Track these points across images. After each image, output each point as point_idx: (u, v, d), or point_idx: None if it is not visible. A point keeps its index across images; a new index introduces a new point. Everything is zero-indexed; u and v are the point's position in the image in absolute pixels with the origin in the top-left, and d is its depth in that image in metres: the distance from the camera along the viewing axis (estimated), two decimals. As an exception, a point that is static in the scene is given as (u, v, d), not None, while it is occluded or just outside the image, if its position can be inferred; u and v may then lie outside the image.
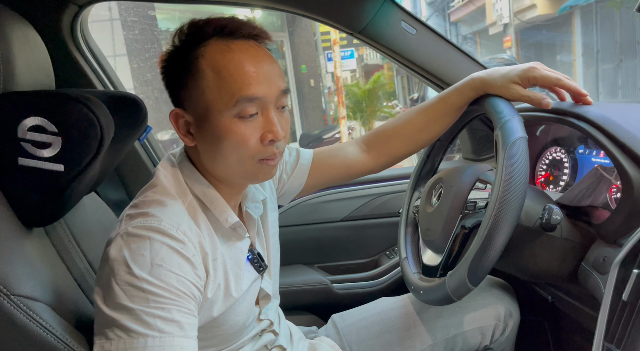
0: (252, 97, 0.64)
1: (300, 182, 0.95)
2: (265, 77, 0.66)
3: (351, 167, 0.97)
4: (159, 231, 0.61)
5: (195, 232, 0.66)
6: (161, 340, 0.57)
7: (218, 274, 0.68)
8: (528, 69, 0.82)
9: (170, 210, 0.65)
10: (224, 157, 0.68)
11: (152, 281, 0.58)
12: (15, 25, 0.68)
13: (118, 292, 0.58)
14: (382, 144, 0.97)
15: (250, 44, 0.67)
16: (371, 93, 10.88)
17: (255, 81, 0.64)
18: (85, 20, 1.19)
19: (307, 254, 1.56)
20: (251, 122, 0.66)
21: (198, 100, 0.66)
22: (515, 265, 0.85)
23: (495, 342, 0.98)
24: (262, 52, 0.68)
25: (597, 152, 0.95)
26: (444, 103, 0.91)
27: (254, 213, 0.80)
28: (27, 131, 0.64)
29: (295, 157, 0.94)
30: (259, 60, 0.66)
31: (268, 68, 0.67)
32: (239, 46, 0.66)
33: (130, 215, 0.64)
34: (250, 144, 0.66)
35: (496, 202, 0.67)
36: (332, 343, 0.97)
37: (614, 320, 0.62)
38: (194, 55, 0.66)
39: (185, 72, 0.67)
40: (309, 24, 10.20)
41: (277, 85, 0.67)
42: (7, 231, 0.63)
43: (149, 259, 0.59)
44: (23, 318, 0.58)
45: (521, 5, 11.56)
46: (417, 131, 0.94)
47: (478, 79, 0.86)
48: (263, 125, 0.67)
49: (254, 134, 0.66)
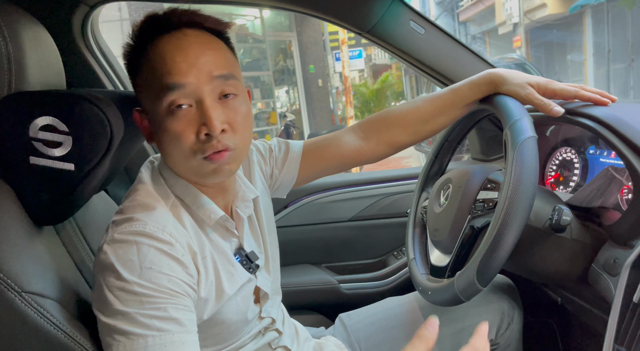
0: (174, 85, 0.62)
1: (292, 175, 0.92)
2: (188, 64, 0.62)
3: (345, 157, 0.92)
4: (145, 234, 0.61)
5: (182, 233, 0.66)
6: (161, 338, 0.57)
7: (209, 272, 0.68)
8: (548, 81, 0.82)
9: (154, 212, 0.64)
10: (169, 155, 0.67)
11: (143, 284, 0.58)
12: (26, 25, 0.69)
13: (111, 299, 0.58)
14: (383, 132, 0.92)
15: (179, 33, 0.65)
16: (379, 93, 10.88)
17: (176, 69, 0.62)
18: (95, 21, 1.20)
19: (315, 254, 1.56)
20: (184, 116, 0.63)
21: (142, 100, 0.68)
22: (525, 266, 0.84)
23: (501, 336, 0.98)
24: (191, 40, 0.64)
25: (608, 153, 0.94)
26: (454, 95, 0.89)
27: (242, 213, 0.78)
28: (39, 130, 0.65)
29: (285, 150, 0.91)
30: (185, 47, 0.63)
31: (194, 54, 0.63)
32: (166, 38, 0.64)
33: (116, 222, 0.64)
34: (186, 139, 0.63)
35: (505, 202, 0.66)
36: (337, 343, 0.97)
37: (624, 322, 0.61)
38: (139, 56, 0.66)
39: (134, 73, 0.68)
40: (317, 24, 10.20)
41: (206, 71, 0.63)
42: (18, 229, 0.64)
43: (137, 263, 0.59)
44: (33, 314, 0.59)
45: (531, 5, 11.47)
46: (422, 121, 0.90)
47: (497, 74, 0.85)
48: (198, 118, 0.63)
49: (188, 128, 0.63)
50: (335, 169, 0.95)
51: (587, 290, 0.80)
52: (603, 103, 0.80)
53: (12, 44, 0.65)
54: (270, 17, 9.89)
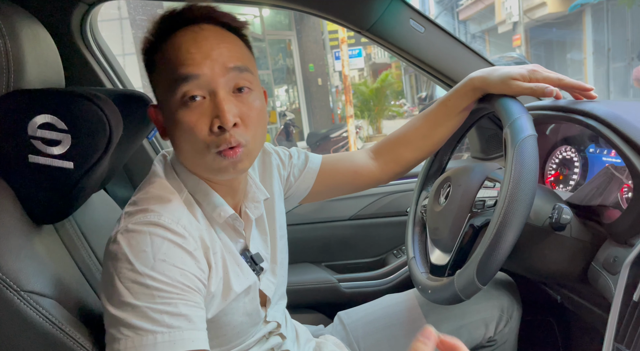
0: (187, 76, 0.61)
1: (307, 185, 0.94)
2: (204, 55, 0.62)
3: (358, 173, 0.96)
4: (160, 225, 0.61)
5: (195, 226, 0.66)
6: (170, 335, 0.57)
7: (219, 268, 0.68)
8: (529, 70, 0.82)
9: (169, 205, 0.64)
10: (182, 150, 0.67)
11: (155, 277, 0.57)
12: (25, 23, 0.69)
13: (122, 290, 0.57)
14: (389, 152, 0.97)
15: (195, 27, 0.64)
16: (379, 92, 10.86)
17: (190, 60, 0.61)
18: (94, 19, 1.20)
19: (314, 253, 1.56)
20: (197, 108, 0.62)
21: (156, 94, 0.67)
22: (524, 265, 0.84)
23: (499, 333, 0.99)
24: (206, 33, 0.64)
25: (608, 151, 0.94)
26: (444, 107, 0.90)
27: (251, 214, 0.78)
28: (38, 129, 0.64)
29: (304, 161, 0.93)
30: (200, 39, 0.63)
31: (210, 46, 0.63)
32: (182, 32, 0.64)
33: (129, 212, 0.64)
34: (199, 132, 0.62)
35: (505, 200, 0.66)
36: (337, 342, 0.97)
37: (624, 321, 0.61)
38: (156, 51, 0.66)
39: (151, 68, 0.67)
40: (317, 23, 10.20)
41: (220, 63, 0.62)
42: (17, 228, 0.64)
43: (151, 255, 0.58)
44: (32, 313, 0.59)
45: (531, 3, 11.47)
46: (422, 137, 0.94)
47: (477, 78, 0.85)
48: (211, 110, 0.62)
49: (201, 121, 0.62)
50: (348, 185, 0.97)
51: (587, 288, 0.80)
52: (587, 89, 0.81)
53: (11, 42, 0.64)
54: (270, 16, 9.88)
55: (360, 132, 9.66)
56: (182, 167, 0.71)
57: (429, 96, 9.79)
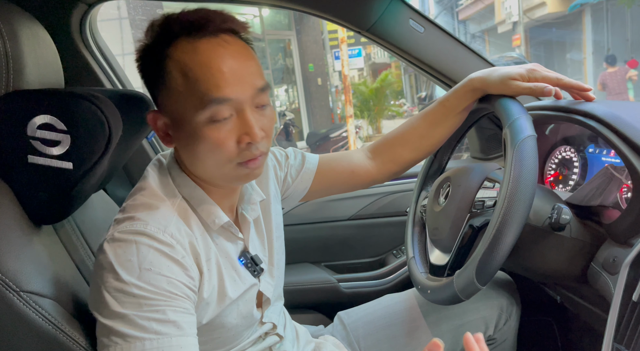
0: (222, 99, 0.61)
1: (305, 185, 0.94)
2: (236, 77, 0.62)
3: (355, 172, 0.95)
4: (145, 234, 0.60)
5: (185, 233, 0.65)
6: (159, 342, 0.57)
7: (212, 274, 0.68)
8: (528, 70, 0.82)
9: (157, 212, 0.64)
10: (201, 161, 0.66)
11: (141, 285, 0.57)
12: (24, 23, 0.69)
13: (109, 300, 0.57)
14: (386, 151, 0.97)
15: (219, 40, 0.62)
16: (378, 92, 10.86)
17: (224, 82, 0.61)
18: (94, 19, 1.20)
19: (314, 253, 1.56)
20: (226, 124, 0.62)
21: (170, 104, 0.64)
22: (524, 265, 0.84)
23: (498, 332, 0.99)
24: (233, 49, 0.63)
25: (608, 151, 0.94)
26: (442, 107, 0.90)
27: (248, 216, 0.77)
28: (37, 129, 0.64)
29: (301, 161, 0.93)
30: (228, 58, 0.62)
31: (239, 66, 0.62)
32: (206, 45, 0.62)
33: (118, 220, 0.64)
34: (227, 148, 0.63)
35: (504, 200, 0.66)
36: (336, 342, 0.97)
37: (623, 321, 0.61)
38: (163, 55, 0.63)
39: (156, 72, 0.64)
40: (316, 23, 10.20)
41: (251, 84, 0.63)
42: (17, 228, 0.64)
43: (136, 264, 0.58)
44: (31, 313, 0.59)
45: (531, 3, 11.47)
46: (420, 137, 0.94)
47: (477, 79, 0.85)
48: (239, 127, 0.63)
49: (229, 137, 0.63)
50: (344, 184, 0.97)
51: (587, 288, 0.80)
52: (585, 89, 0.81)
53: (10, 42, 0.64)
54: (270, 16, 9.88)
55: (359, 132, 9.66)
56: (179, 171, 0.70)
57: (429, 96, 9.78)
